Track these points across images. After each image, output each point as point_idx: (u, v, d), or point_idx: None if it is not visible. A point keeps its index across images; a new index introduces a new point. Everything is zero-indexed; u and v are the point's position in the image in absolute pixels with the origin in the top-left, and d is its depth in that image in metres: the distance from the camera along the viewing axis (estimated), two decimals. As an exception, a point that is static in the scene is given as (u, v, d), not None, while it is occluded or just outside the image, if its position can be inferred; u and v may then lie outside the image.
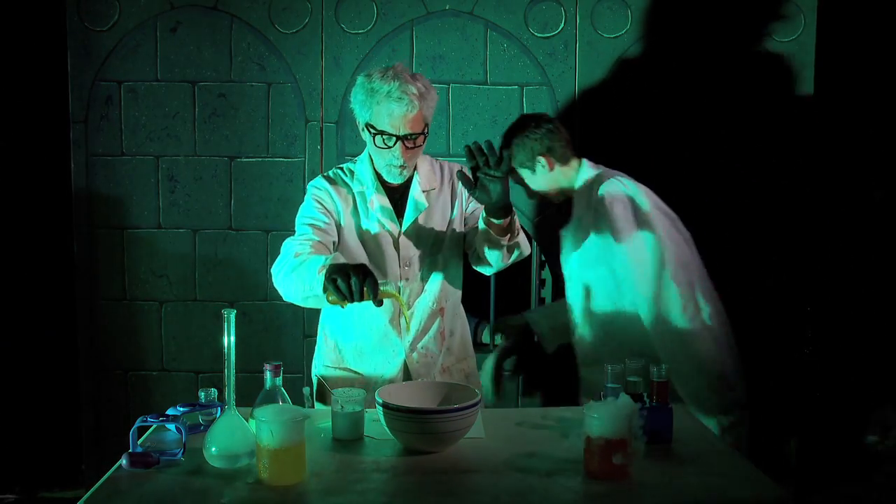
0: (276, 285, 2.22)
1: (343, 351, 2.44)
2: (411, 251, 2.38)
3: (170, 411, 1.93)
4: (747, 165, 3.17)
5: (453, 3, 3.12)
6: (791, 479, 3.02)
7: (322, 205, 2.39)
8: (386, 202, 2.39)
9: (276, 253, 3.12)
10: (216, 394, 2.04)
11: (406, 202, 2.40)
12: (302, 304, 2.15)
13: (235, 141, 3.15)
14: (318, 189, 2.43)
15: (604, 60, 3.15)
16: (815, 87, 3.15)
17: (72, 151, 3.12)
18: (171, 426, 1.85)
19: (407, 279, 2.39)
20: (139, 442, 1.87)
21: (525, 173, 2.60)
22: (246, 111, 3.13)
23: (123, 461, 1.75)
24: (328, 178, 2.45)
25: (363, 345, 2.41)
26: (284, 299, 2.18)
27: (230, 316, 1.78)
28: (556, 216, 3.13)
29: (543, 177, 2.58)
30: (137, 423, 1.86)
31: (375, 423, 1.93)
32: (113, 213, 3.15)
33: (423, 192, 2.41)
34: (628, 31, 3.14)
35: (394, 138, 2.26)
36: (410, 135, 2.26)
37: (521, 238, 2.34)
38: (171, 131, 3.14)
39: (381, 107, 2.25)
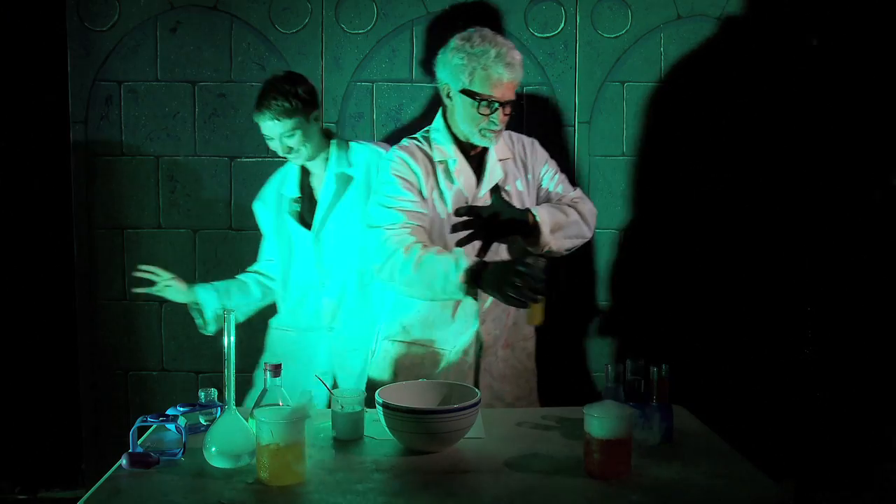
0: (385, 282, 2.25)
1: (410, 324, 2.42)
2: None
3: (170, 411, 1.93)
4: (747, 165, 3.16)
5: (453, 3, 3.11)
6: (791, 479, 3.02)
7: (406, 181, 2.32)
8: (469, 171, 2.38)
9: (276, 253, 3.14)
10: (216, 394, 2.04)
11: (483, 171, 2.39)
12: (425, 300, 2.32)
13: (235, 141, 3.15)
14: (397, 164, 2.35)
15: (604, 60, 3.15)
16: (815, 85, 3.15)
17: (72, 151, 3.12)
18: (171, 426, 1.85)
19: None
20: (139, 442, 1.87)
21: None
22: (246, 111, 3.13)
23: (123, 461, 1.75)
24: (406, 150, 2.38)
25: (434, 316, 2.38)
26: (398, 293, 2.30)
27: (230, 316, 1.78)
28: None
29: None
30: (137, 423, 1.86)
31: (375, 423, 1.93)
32: (113, 213, 3.15)
33: (500, 160, 2.41)
34: (628, 31, 3.14)
35: (497, 104, 2.26)
36: (511, 101, 2.29)
37: (573, 230, 2.34)
38: (171, 131, 3.14)
39: (489, 71, 2.23)
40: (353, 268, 2.68)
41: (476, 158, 2.41)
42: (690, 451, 1.88)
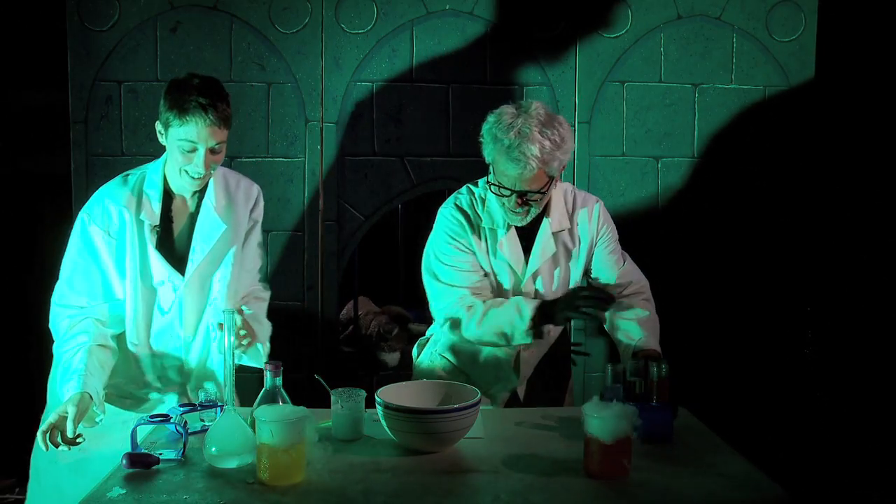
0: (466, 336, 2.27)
1: (458, 354, 2.41)
2: (534, 295, 2.29)
3: (170, 411, 1.93)
4: (747, 166, 3.17)
5: (453, 3, 3.12)
6: (791, 480, 3.02)
7: (458, 246, 2.27)
8: (516, 243, 2.25)
9: (276, 252, 3.15)
10: (216, 394, 2.04)
11: (533, 242, 2.26)
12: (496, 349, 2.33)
13: (235, 141, 3.14)
14: (454, 225, 2.27)
15: (604, 60, 3.15)
16: (816, 87, 3.15)
17: (72, 151, 3.12)
18: (171, 426, 1.85)
19: None
20: (139, 442, 1.87)
21: None
22: (246, 111, 3.13)
23: (123, 461, 1.75)
24: (463, 212, 2.28)
25: (478, 367, 2.39)
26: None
27: (230, 316, 1.78)
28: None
29: None
30: (137, 423, 1.86)
31: (375, 423, 1.93)
32: (113, 213, 3.15)
33: (554, 233, 2.27)
34: (628, 31, 3.14)
35: (509, 191, 2.13)
36: (529, 192, 2.12)
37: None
38: (171, 131, 3.13)
39: (500, 158, 2.10)
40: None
41: (530, 226, 2.25)
42: (690, 451, 1.88)
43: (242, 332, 2.06)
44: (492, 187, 2.17)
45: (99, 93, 3.11)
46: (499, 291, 2.31)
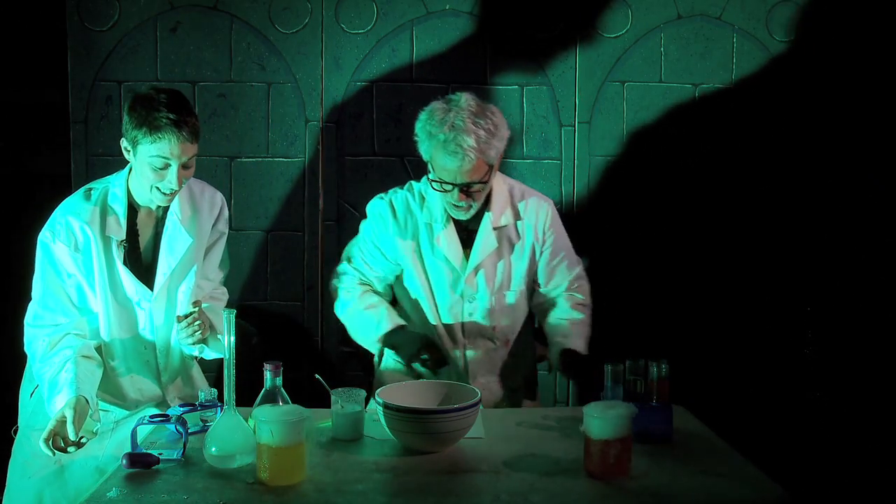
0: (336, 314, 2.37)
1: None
2: (476, 292, 2.32)
3: (170, 411, 1.93)
4: (746, 165, 3.16)
5: (453, 3, 3.12)
6: (791, 480, 3.02)
7: (377, 246, 2.34)
8: (454, 239, 2.27)
9: (277, 252, 3.15)
10: (216, 394, 2.04)
11: (474, 237, 2.29)
12: None
13: (235, 141, 3.15)
14: (375, 220, 2.34)
15: (604, 60, 3.15)
16: (814, 86, 3.15)
17: (72, 151, 3.12)
18: (171, 426, 1.85)
19: (471, 314, 2.34)
20: (139, 442, 1.87)
21: None
22: (246, 111, 3.13)
23: (123, 461, 1.75)
24: (391, 207, 2.33)
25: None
26: None
27: (230, 316, 1.78)
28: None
29: None
30: (137, 423, 1.86)
31: (375, 423, 1.93)
32: (113, 213, 3.15)
33: (496, 228, 2.29)
34: (628, 31, 3.14)
35: (450, 185, 2.15)
36: (469, 183, 2.14)
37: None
38: (171, 131, 3.13)
39: (437, 154, 2.13)
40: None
41: (471, 222, 2.28)
42: (690, 451, 1.88)
43: (198, 324, 2.09)
44: (433, 184, 2.18)
45: (99, 93, 3.11)
46: (435, 288, 2.34)
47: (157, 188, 2.08)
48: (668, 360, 1.96)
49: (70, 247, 2.10)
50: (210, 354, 2.23)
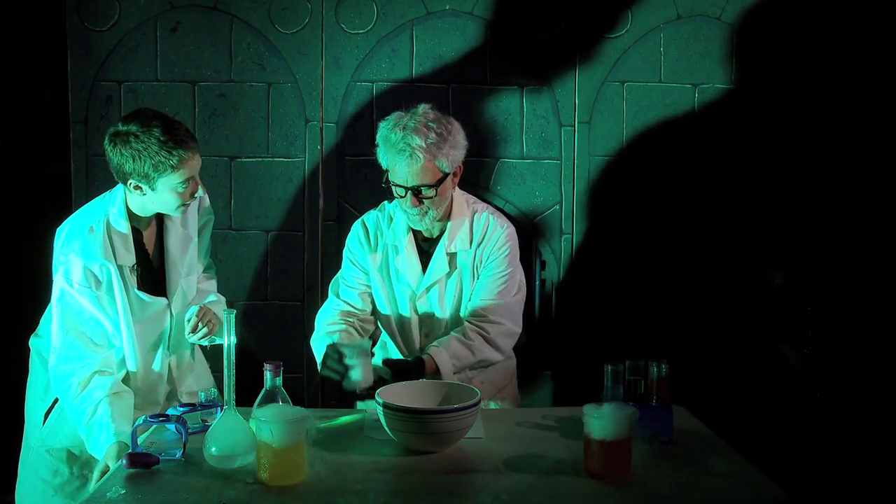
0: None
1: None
2: (432, 313, 2.37)
3: (170, 411, 1.93)
4: (746, 165, 3.17)
5: (453, 3, 3.12)
6: (791, 480, 3.02)
7: (355, 265, 2.40)
8: (414, 260, 2.33)
9: (277, 252, 3.15)
10: (216, 394, 2.04)
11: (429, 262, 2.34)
12: None
13: (235, 141, 3.15)
14: (351, 239, 2.41)
15: (604, 60, 3.15)
16: (813, 87, 3.15)
17: (72, 151, 3.12)
18: (171, 426, 1.85)
19: (426, 334, 2.38)
20: (139, 442, 1.87)
21: None
22: (246, 111, 3.13)
23: (123, 461, 1.75)
24: (365, 229, 2.40)
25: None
26: None
27: (230, 316, 1.78)
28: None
29: None
30: (137, 423, 1.86)
31: (375, 422, 1.93)
32: (113, 213, 3.15)
33: (449, 254, 2.32)
34: (628, 31, 3.14)
35: (403, 189, 2.19)
36: (419, 186, 2.18)
37: (479, 360, 2.32)
38: (171, 131, 3.13)
39: (390, 157, 2.19)
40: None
41: (433, 243, 2.33)
42: (690, 451, 1.88)
43: (204, 322, 2.18)
44: (392, 189, 2.23)
45: (99, 93, 3.11)
46: (399, 305, 2.38)
47: (184, 204, 2.15)
48: (668, 361, 1.95)
49: (92, 288, 2.11)
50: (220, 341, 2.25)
